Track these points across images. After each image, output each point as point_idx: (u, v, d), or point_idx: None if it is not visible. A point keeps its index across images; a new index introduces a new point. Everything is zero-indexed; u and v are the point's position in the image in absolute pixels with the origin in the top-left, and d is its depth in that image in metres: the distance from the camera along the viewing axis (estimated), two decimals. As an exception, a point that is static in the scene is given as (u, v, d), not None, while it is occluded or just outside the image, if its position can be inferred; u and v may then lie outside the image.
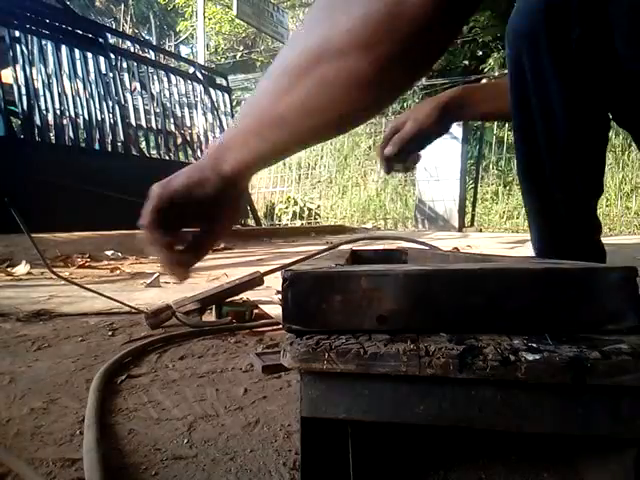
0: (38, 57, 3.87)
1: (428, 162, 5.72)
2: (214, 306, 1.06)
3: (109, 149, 4.32)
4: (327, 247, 1.42)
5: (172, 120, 5.21)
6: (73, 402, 0.63)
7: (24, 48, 3.77)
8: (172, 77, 5.26)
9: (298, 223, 7.13)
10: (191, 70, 5.72)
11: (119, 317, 1.12)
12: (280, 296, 0.41)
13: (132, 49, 5.03)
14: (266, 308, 1.12)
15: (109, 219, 3.11)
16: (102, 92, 4.29)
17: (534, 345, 0.35)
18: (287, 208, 7.53)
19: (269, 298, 1.27)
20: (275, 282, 1.23)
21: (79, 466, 0.47)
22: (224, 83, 5.94)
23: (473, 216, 6.17)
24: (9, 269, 1.97)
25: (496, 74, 7.75)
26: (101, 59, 4.35)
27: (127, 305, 1.12)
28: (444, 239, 3.94)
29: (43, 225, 2.40)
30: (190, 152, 5.33)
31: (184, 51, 15.10)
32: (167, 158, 4.94)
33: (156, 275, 1.65)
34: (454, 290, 0.38)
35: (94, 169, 3.84)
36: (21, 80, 3.72)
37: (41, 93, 3.91)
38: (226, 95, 5.85)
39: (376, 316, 0.38)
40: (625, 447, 0.36)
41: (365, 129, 7.90)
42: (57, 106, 3.96)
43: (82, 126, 4.15)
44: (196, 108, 5.44)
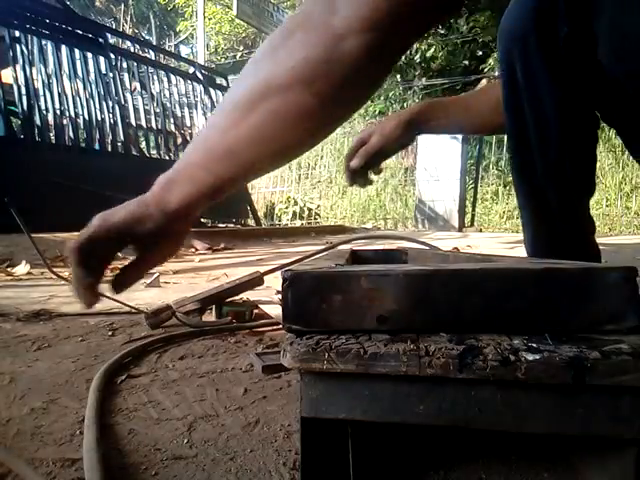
0: (38, 57, 3.87)
1: (428, 162, 5.72)
2: (214, 306, 1.06)
3: (109, 149, 4.33)
4: (326, 247, 1.42)
5: (172, 120, 5.22)
6: (73, 402, 0.63)
7: (24, 48, 3.77)
8: (172, 77, 5.27)
9: (298, 223, 7.13)
10: (191, 70, 5.73)
11: (119, 317, 1.12)
12: (280, 296, 0.41)
13: (132, 49, 5.04)
14: (266, 308, 1.12)
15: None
16: (102, 92, 4.30)
17: (534, 345, 0.35)
18: (287, 208, 7.53)
19: (269, 298, 1.27)
20: (275, 282, 1.23)
21: (79, 466, 0.47)
22: (224, 83, 5.94)
23: (473, 216, 6.17)
24: (9, 269, 1.97)
25: (496, 74, 7.75)
26: (101, 59, 4.35)
27: (127, 305, 1.12)
28: (444, 239, 3.94)
29: (43, 225, 2.39)
30: (190, 152, 5.32)
31: (184, 51, 15.12)
32: (167, 158, 4.94)
33: (156, 275, 1.65)
34: (454, 290, 0.38)
35: (94, 169, 3.84)
36: (21, 80, 3.72)
37: (41, 93, 3.91)
38: (226, 95, 5.86)
39: (376, 316, 0.38)
40: (625, 447, 0.36)
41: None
42: (57, 106, 3.97)
43: (82, 126, 4.15)
44: (196, 108, 5.44)
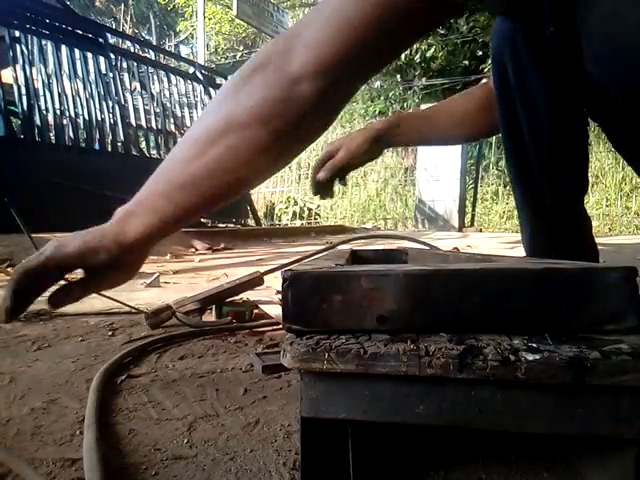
0: (38, 57, 3.87)
1: (428, 162, 5.72)
2: (214, 306, 1.06)
3: (109, 149, 4.33)
4: (326, 247, 1.42)
5: (172, 120, 5.21)
6: (73, 402, 0.63)
7: (24, 48, 3.77)
8: (172, 77, 5.27)
9: (298, 223, 7.12)
10: (191, 70, 5.73)
11: (119, 317, 1.12)
12: (280, 296, 0.41)
13: (132, 49, 5.04)
14: (266, 308, 1.12)
15: (109, 219, 3.10)
16: (102, 92, 4.30)
17: (534, 345, 0.35)
18: (287, 208, 7.53)
19: (269, 298, 1.27)
20: (275, 282, 1.23)
21: (79, 466, 0.47)
22: (224, 83, 5.93)
23: (473, 216, 6.16)
24: (9, 269, 1.97)
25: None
26: (101, 59, 4.35)
27: (127, 305, 1.12)
28: (444, 239, 3.94)
29: (43, 225, 2.39)
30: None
31: (184, 51, 15.11)
32: (167, 158, 4.93)
33: (156, 275, 1.65)
34: (454, 290, 0.38)
35: (94, 169, 3.84)
36: (21, 80, 3.72)
37: (41, 93, 3.91)
38: (226, 95, 5.85)
39: (376, 316, 0.38)
40: (625, 447, 0.36)
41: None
42: (57, 106, 3.97)
43: (82, 126, 4.15)
44: (196, 108, 5.44)
